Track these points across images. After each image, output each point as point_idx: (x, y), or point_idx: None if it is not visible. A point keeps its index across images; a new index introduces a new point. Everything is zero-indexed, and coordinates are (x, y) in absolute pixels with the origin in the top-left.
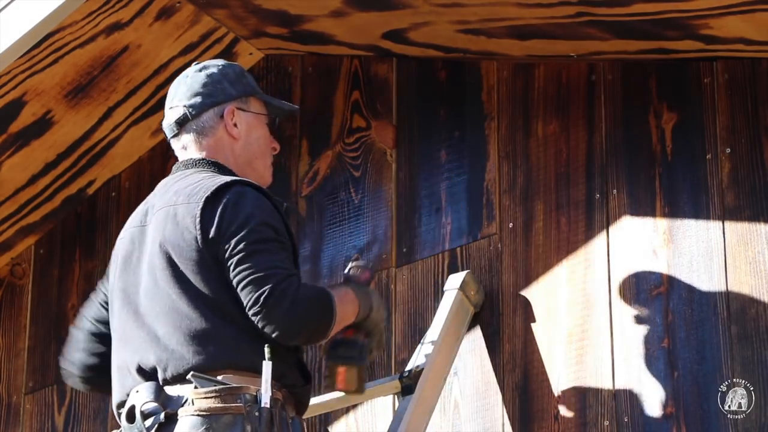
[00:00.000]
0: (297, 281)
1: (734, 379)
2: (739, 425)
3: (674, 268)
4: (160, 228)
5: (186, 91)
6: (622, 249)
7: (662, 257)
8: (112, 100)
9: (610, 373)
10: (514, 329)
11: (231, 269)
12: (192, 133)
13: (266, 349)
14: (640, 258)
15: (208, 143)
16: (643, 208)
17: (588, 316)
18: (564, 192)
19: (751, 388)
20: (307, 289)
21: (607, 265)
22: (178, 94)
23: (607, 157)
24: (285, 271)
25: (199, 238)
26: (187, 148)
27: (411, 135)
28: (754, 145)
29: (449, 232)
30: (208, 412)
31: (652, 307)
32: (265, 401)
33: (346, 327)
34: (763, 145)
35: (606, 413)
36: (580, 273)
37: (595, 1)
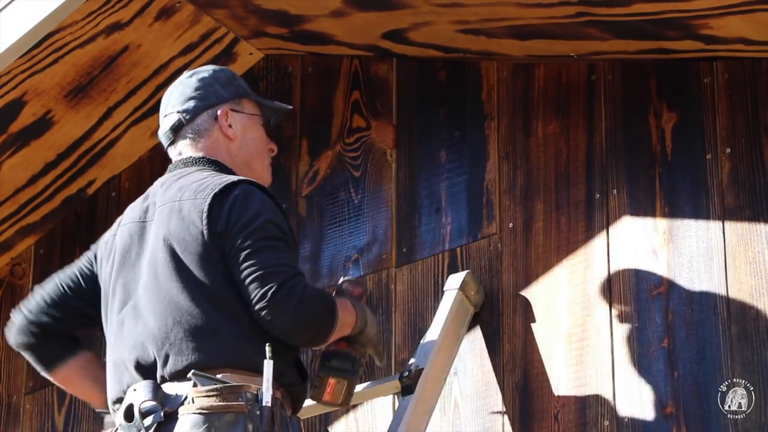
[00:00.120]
0: (304, 281)
1: (734, 379)
2: (739, 425)
3: (674, 268)
4: (163, 223)
5: (178, 97)
6: (622, 249)
7: (662, 257)
8: (112, 100)
9: (610, 373)
10: (514, 329)
11: (238, 264)
12: (187, 138)
13: (267, 348)
14: (640, 258)
15: (205, 144)
16: (643, 208)
17: (588, 316)
18: (564, 192)
19: (751, 388)
20: (313, 290)
21: (607, 265)
22: (171, 102)
23: (607, 157)
24: (292, 270)
25: (206, 232)
26: (183, 153)
27: (411, 135)
28: (754, 145)
29: (449, 232)
30: (209, 411)
31: (652, 307)
32: (267, 400)
33: (340, 339)
34: (763, 145)
35: (606, 413)
36: (580, 273)
37: (595, 1)
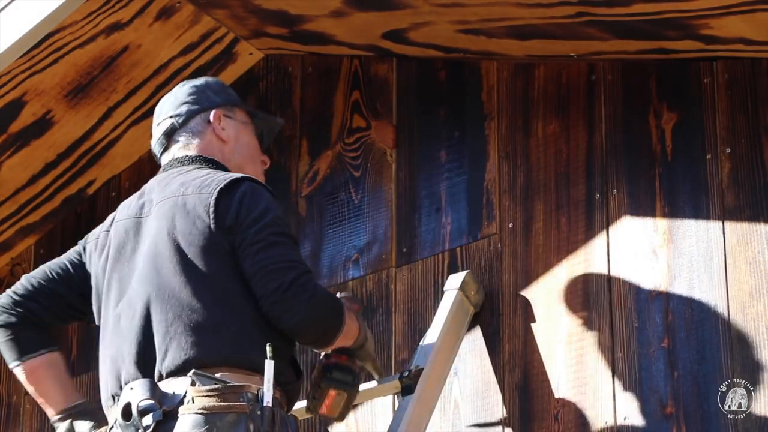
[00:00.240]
0: (314, 279)
1: (734, 379)
2: (739, 425)
3: (674, 268)
4: (166, 217)
5: (171, 104)
6: (622, 249)
7: (662, 257)
8: (112, 100)
9: (610, 373)
10: (514, 329)
11: (250, 256)
12: (180, 141)
13: (268, 348)
14: (640, 258)
15: (199, 146)
16: (643, 208)
17: (588, 316)
18: (564, 192)
19: (751, 388)
20: (323, 290)
21: (607, 265)
22: (164, 110)
23: (607, 157)
24: (304, 267)
25: (213, 226)
26: (176, 156)
27: (411, 135)
28: (754, 145)
29: (449, 232)
30: (210, 411)
31: (652, 307)
32: (268, 400)
33: (341, 353)
34: (763, 145)
35: (606, 413)
36: (580, 273)
37: (595, 1)
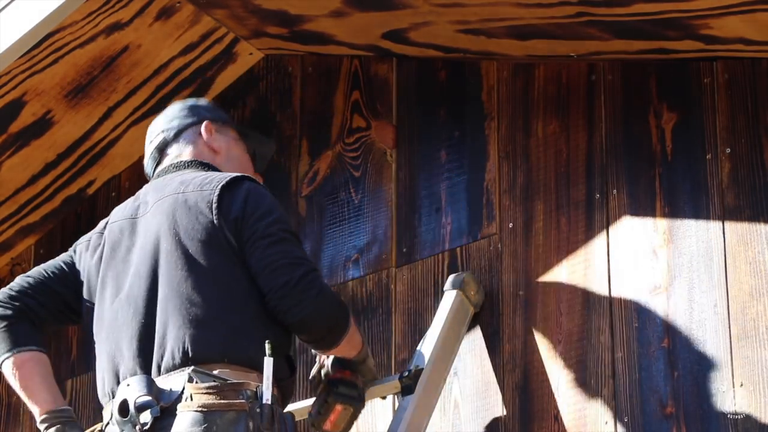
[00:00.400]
0: (322, 278)
1: (734, 379)
2: (739, 425)
3: (674, 268)
4: (166, 214)
5: (163, 121)
6: (622, 249)
7: (662, 257)
8: (112, 100)
9: (610, 373)
10: (514, 329)
11: (258, 250)
12: (173, 153)
13: (267, 346)
14: (640, 258)
15: (192, 152)
16: (643, 208)
17: (588, 316)
18: (564, 192)
19: (751, 388)
20: (331, 289)
21: (607, 265)
22: (156, 127)
23: (607, 157)
24: (312, 265)
25: (216, 221)
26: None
27: (411, 135)
28: (754, 145)
29: (449, 232)
30: (208, 409)
31: (652, 307)
32: (267, 398)
33: (344, 367)
34: (763, 145)
35: (606, 413)
36: (580, 273)
37: (595, 1)
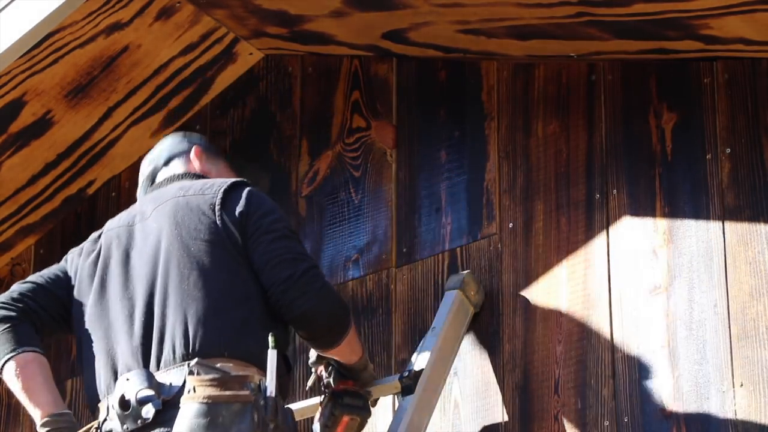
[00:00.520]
0: (324, 275)
1: (734, 379)
2: (739, 425)
3: (674, 268)
4: (168, 216)
5: (153, 152)
6: (622, 249)
7: (662, 257)
8: (112, 100)
9: (610, 373)
10: (514, 329)
11: (263, 245)
12: (163, 176)
13: (271, 339)
14: (640, 258)
15: (183, 169)
16: (643, 208)
17: (588, 316)
18: (564, 192)
19: (751, 388)
20: (332, 287)
21: (607, 265)
22: (147, 159)
23: (607, 157)
24: (314, 261)
25: (219, 222)
26: None
27: (411, 135)
28: (754, 145)
29: (449, 232)
30: (214, 400)
31: (652, 307)
32: (271, 390)
33: (346, 377)
34: (763, 145)
35: (606, 413)
36: (580, 273)
37: (595, 1)
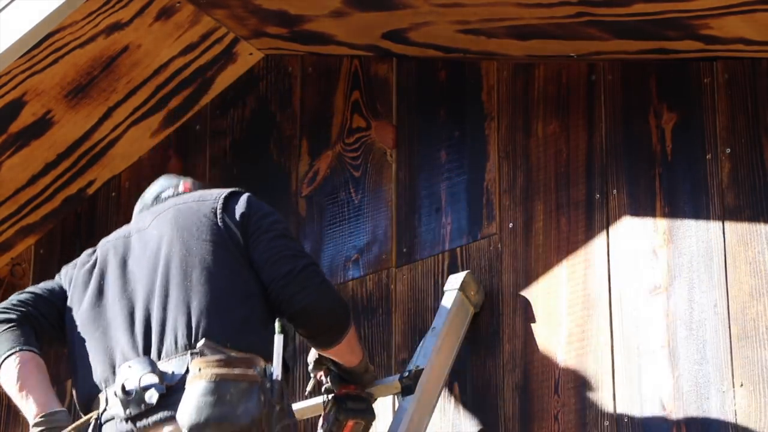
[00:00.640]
0: (323, 271)
1: (734, 379)
2: (739, 425)
3: (674, 268)
4: (169, 222)
5: (146, 192)
6: (622, 249)
7: (662, 257)
8: (112, 100)
9: (610, 373)
10: (514, 329)
11: (263, 243)
12: (159, 198)
13: (277, 324)
14: (640, 258)
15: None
16: (643, 208)
17: (588, 316)
18: (564, 192)
19: (751, 388)
20: (332, 284)
21: (607, 265)
22: (140, 199)
23: (607, 157)
24: (313, 259)
25: (221, 223)
26: None
27: (411, 135)
28: (754, 145)
29: (449, 232)
30: (221, 378)
31: (652, 307)
32: (277, 374)
33: (347, 382)
34: (763, 145)
35: (606, 413)
36: (580, 273)
37: (595, 1)
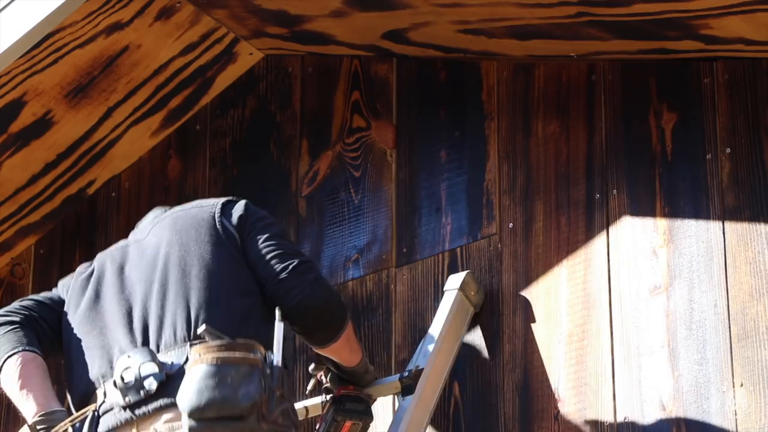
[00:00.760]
0: (318, 268)
1: (734, 379)
2: (739, 425)
3: (674, 268)
4: (168, 227)
5: (142, 220)
6: (622, 249)
7: (662, 257)
8: (112, 100)
9: (610, 373)
10: (514, 329)
11: (258, 242)
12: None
13: (277, 311)
14: (640, 258)
15: None
16: (643, 208)
17: (588, 316)
18: (564, 192)
19: (751, 388)
20: (327, 281)
21: (607, 265)
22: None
23: (607, 157)
24: (308, 257)
25: (219, 225)
26: None
27: (411, 135)
28: (754, 145)
29: (449, 232)
30: (222, 362)
31: (652, 307)
32: (278, 360)
33: (346, 382)
34: (763, 145)
35: (606, 413)
36: (580, 273)
37: (595, 1)
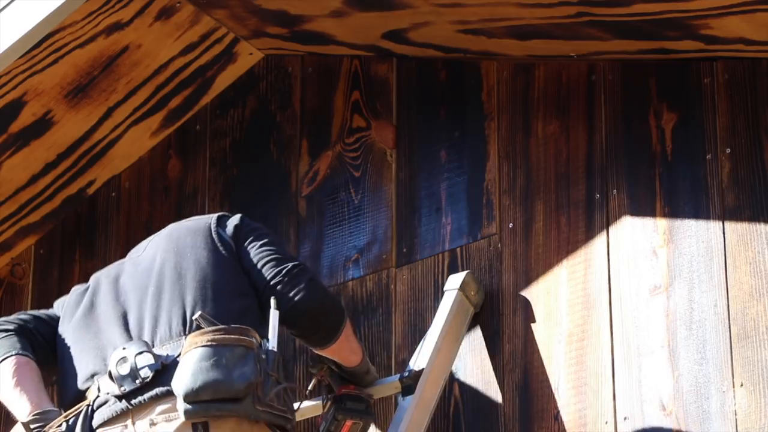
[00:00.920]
0: (313, 271)
1: (734, 379)
2: (739, 425)
3: (674, 268)
4: (164, 239)
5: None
6: (622, 249)
7: (662, 257)
8: (112, 100)
9: (610, 373)
10: (514, 329)
11: (253, 249)
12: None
13: (272, 301)
14: (640, 258)
15: None
16: (643, 208)
17: (588, 316)
18: (564, 192)
19: (751, 388)
20: (322, 283)
21: (607, 265)
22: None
23: (607, 157)
24: (302, 261)
25: (215, 234)
26: None
27: (411, 135)
28: (754, 145)
29: (449, 232)
30: (217, 343)
31: (652, 307)
32: (273, 345)
33: (347, 382)
34: (763, 145)
35: (606, 413)
36: (580, 273)
37: (595, 1)
